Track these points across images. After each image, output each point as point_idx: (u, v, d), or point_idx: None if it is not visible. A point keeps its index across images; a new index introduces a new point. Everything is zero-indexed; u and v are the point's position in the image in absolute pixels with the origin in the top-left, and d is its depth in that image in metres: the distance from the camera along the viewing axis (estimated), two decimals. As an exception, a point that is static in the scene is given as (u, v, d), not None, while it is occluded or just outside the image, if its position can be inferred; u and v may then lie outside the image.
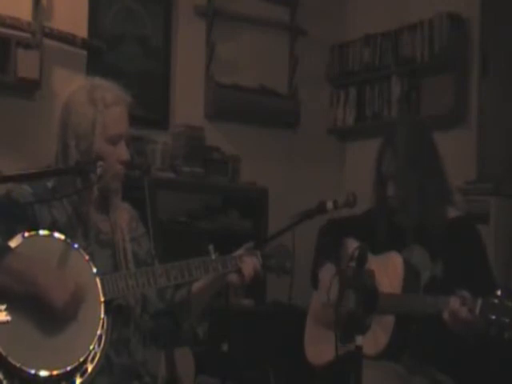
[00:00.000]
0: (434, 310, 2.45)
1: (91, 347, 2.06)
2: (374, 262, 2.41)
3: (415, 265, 2.71)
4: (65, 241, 2.12)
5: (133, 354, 2.26)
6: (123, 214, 2.36)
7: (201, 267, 2.30)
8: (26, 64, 4.17)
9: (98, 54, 4.57)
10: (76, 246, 2.14)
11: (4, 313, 1.98)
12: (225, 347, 4.02)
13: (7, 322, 1.98)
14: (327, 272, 2.85)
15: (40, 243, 2.09)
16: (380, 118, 5.10)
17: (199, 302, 2.38)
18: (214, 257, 2.34)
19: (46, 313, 2.01)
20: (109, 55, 4.63)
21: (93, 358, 2.07)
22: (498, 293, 2.28)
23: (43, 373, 1.98)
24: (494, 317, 2.24)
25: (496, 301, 2.27)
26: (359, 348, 2.16)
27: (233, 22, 5.13)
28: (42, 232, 2.11)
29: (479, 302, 2.31)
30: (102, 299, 2.12)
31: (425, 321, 2.57)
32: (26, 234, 2.07)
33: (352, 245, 2.69)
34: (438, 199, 2.78)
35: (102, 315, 2.10)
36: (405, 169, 2.76)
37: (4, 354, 1.94)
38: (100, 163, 2.16)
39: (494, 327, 2.24)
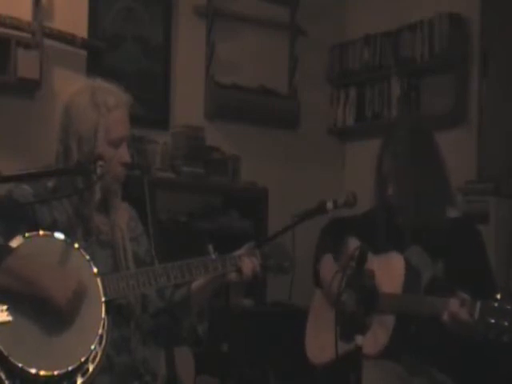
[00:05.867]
0: (434, 310, 2.46)
1: (92, 347, 2.06)
2: (375, 262, 2.41)
3: (415, 265, 2.71)
4: (65, 241, 2.12)
5: (133, 353, 2.26)
6: (122, 214, 2.36)
7: (201, 267, 2.30)
8: (25, 64, 4.17)
9: (97, 54, 4.57)
10: (76, 245, 2.14)
11: (5, 313, 1.98)
12: (225, 347, 4.03)
13: (8, 323, 1.98)
14: (327, 265, 2.86)
15: (41, 243, 2.09)
16: (380, 117, 5.10)
17: (199, 301, 2.39)
18: (213, 256, 2.34)
19: (47, 312, 2.01)
20: (109, 55, 4.63)
21: (94, 358, 2.07)
22: (498, 296, 2.29)
23: (44, 373, 1.98)
24: (493, 320, 2.25)
25: (495, 304, 2.27)
26: (359, 348, 2.16)
27: (233, 22, 5.13)
28: (43, 232, 2.11)
29: (478, 304, 2.31)
30: (103, 299, 2.12)
31: (425, 321, 2.58)
32: (27, 234, 2.07)
33: (354, 244, 2.69)
34: (437, 200, 2.78)
35: (103, 315, 2.11)
36: (403, 169, 2.76)
37: (5, 354, 1.95)
38: (100, 163, 2.16)
39: (493, 330, 2.25)
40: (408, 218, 2.77)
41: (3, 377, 1.95)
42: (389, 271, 2.64)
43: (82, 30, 4.54)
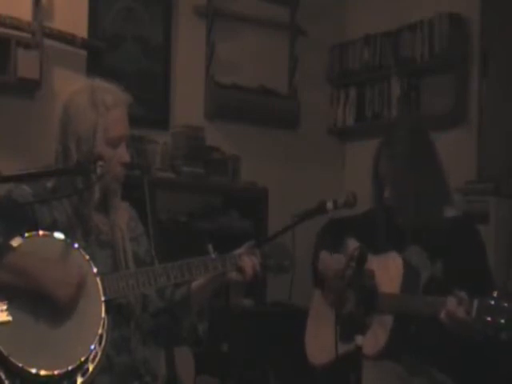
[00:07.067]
0: (432, 310, 2.46)
1: (92, 347, 2.06)
2: (374, 262, 2.41)
3: (415, 265, 2.71)
4: (65, 241, 2.12)
5: (133, 353, 2.26)
6: (123, 213, 2.36)
7: (201, 266, 2.30)
8: (25, 64, 4.17)
9: (97, 54, 4.57)
10: (76, 245, 2.14)
11: (5, 313, 1.99)
12: (225, 347, 4.03)
13: (8, 323, 1.98)
14: (325, 261, 2.86)
15: (40, 243, 2.09)
16: (380, 117, 5.11)
17: (199, 300, 2.38)
18: (213, 256, 2.34)
19: (47, 308, 2.01)
20: (109, 55, 4.64)
21: (94, 358, 2.07)
22: (495, 294, 2.29)
23: (44, 372, 1.98)
24: (489, 318, 2.25)
25: (492, 302, 2.28)
26: (359, 348, 2.16)
27: (233, 22, 5.13)
28: (42, 232, 2.11)
29: (475, 303, 2.32)
30: (103, 299, 2.12)
31: (425, 321, 2.58)
32: (26, 235, 2.07)
33: (353, 245, 2.70)
34: (435, 200, 2.78)
35: (103, 314, 2.11)
36: (400, 170, 2.76)
37: (5, 353, 1.95)
38: (100, 163, 2.16)
39: (490, 328, 2.25)
40: (408, 218, 2.77)
41: (3, 377, 1.95)
42: (387, 271, 2.64)
43: (82, 29, 4.54)
